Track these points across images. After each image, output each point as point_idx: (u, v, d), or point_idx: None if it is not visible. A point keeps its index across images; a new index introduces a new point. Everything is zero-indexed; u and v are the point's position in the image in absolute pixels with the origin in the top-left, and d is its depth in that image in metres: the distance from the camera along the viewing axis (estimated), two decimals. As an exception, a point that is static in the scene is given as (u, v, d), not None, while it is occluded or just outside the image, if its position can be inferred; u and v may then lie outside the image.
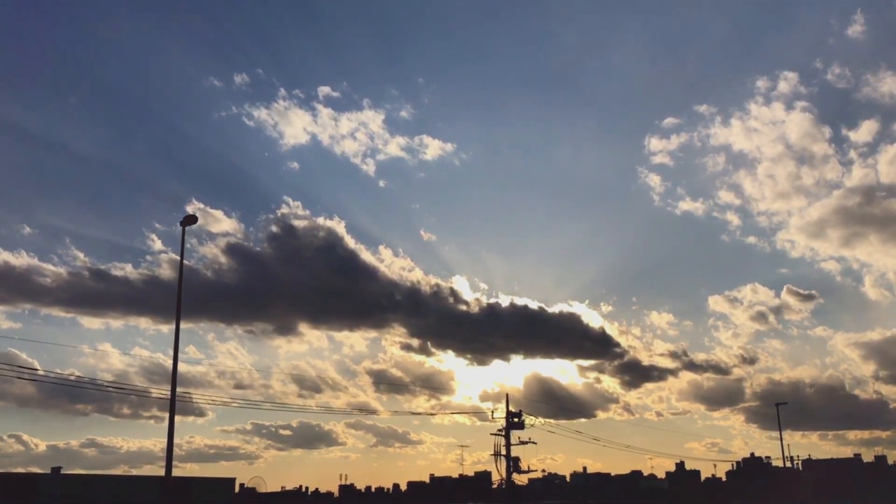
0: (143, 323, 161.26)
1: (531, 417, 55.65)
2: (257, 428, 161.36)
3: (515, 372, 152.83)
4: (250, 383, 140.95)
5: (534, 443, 55.65)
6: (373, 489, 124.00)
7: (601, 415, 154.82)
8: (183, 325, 30.83)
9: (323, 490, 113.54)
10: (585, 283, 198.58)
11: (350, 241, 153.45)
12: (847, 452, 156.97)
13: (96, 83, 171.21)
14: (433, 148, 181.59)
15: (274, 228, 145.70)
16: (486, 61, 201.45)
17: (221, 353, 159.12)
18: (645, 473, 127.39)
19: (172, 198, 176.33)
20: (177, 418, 29.72)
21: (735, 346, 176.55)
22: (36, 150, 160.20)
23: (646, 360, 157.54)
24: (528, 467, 56.42)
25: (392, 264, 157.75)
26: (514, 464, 54.94)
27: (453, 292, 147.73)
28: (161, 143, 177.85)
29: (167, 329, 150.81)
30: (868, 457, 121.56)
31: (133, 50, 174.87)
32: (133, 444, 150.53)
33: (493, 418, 55.83)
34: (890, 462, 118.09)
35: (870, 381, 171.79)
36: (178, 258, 31.32)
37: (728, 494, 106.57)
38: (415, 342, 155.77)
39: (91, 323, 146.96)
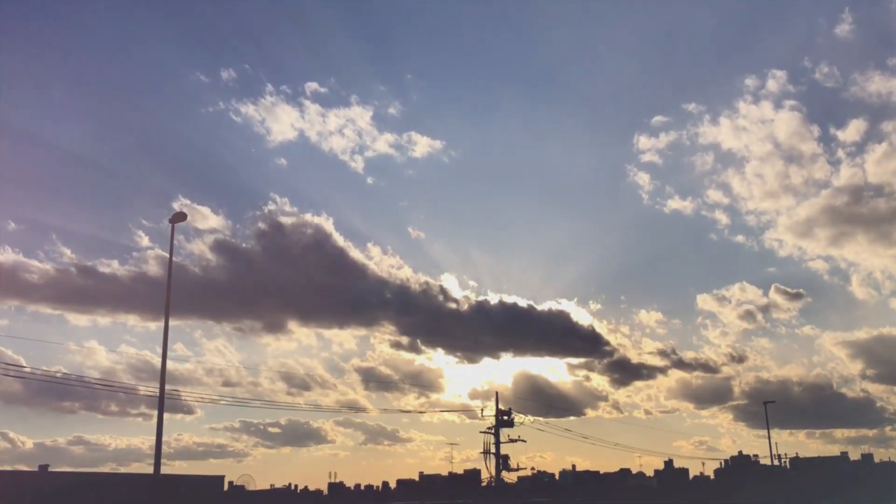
0: (131, 320, 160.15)
1: (520, 415, 55.88)
2: (246, 426, 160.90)
3: (505, 370, 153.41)
4: (238, 381, 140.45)
5: (523, 441, 55.88)
6: (362, 487, 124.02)
7: (590, 413, 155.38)
8: (171, 323, 30.72)
9: (312, 488, 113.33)
10: (574, 282, 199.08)
11: (338, 239, 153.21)
12: (834, 451, 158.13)
13: (81, 78, 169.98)
14: (422, 145, 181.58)
15: (261, 225, 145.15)
16: (474, 58, 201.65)
17: (209, 350, 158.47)
18: (633, 471, 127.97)
19: (159, 194, 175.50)
20: (165, 416, 29.63)
21: (723, 344, 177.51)
22: (21, 146, 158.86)
23: (635, 359, 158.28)
24: (518, 465, 56.66)
25: (381, 262, 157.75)
26: (503, 462, 55.08)
27: (442, 290, 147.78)
28: (147, 139, 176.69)
29: (154, 326, 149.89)
30: (855, 455, 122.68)
31: (118, 44, 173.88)
32: (121, 441, 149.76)
33: (482, 416, 56.02)
34: (876, 460, 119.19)
35: (857, 380, 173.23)
36: (165, 254, 31.24)
37: (716, 492, 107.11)
38: (404, 340, 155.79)
39: (78, 320, 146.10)
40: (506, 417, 54.93)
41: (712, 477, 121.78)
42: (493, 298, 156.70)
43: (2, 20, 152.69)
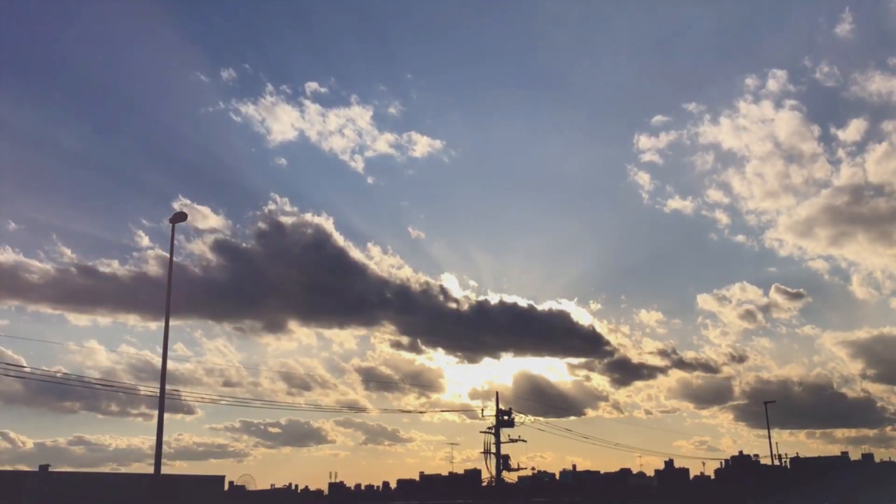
0: (131, 320, 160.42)
1: (521, 415, 55.72)
2: (246, 426, 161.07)
3: (505, 370, 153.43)
4: (239, 381, 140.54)
5: (523, 441, 55.73)
6: (362, 487, 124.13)
7: (590, 413, 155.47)
8: (171, 323, 30.69)
9: (312, 488, 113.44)
10: (574, 281, 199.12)
11: (339, 239, 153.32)
12: (834, 451, 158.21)
13: (82, 78, 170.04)
14: (422, 145, 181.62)
15: (261, 225, 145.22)
16: (474, 58, 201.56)
17: (210, 350, 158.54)
18: (634, 471, 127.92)
19: (159, 194, 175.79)
20: (165, 416, 29.60)
21: (724, 344, 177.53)
22: (21, 146, 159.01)
23: (635, 359, 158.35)
24: (518, 465, 56.51)
25: (381, 262, 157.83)
26: (503, 462, 55.00)
27: (443, 290, 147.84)
28: (147, 139, 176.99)
29: (155, 326, 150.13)
30: (855, 455, 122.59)
31: (119, 44, 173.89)
32: (121, 441, 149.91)
33: (482, 416, 55.85)
34: (877, 460, 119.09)
35: (857, 380, 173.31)
36: (165, 254, 31.20)
37: (716, 493, 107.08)
38: (404, 340, 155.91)
39: (78, 320, 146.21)
40: (506, 417, 54.83)
41: (713, 477, 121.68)
42: (494, 298, 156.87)
43: (2, 20, 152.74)
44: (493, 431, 54.83)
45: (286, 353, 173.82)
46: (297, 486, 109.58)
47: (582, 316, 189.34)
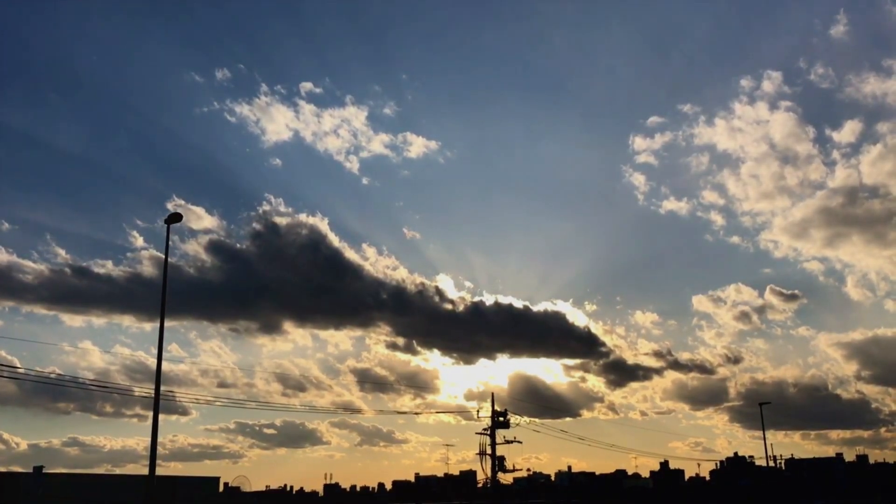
0: (126, 321, 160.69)
1: (516, 417, 55.72)
2: (241, 427, 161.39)
3: (500, 371, 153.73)
4: (234, 382, 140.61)
5: (519, 442, 55.75)
6: (358, 488, 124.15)
7: (586, 414, 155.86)
8: (166, 324, 30.64)
9: (308, 489, 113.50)
10: (570, 282, 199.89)
11: (334, 239, 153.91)
12: (829, 452, 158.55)
13: (77, 79, 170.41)
14: (417, 146, 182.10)
15: (256, 226, 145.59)
16: (470, 59, 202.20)
17: (204, 351, 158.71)
18: (629, 473, 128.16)
19: (153, 194, 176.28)
20: (160, 417, 29.56)
21: (719, 345, 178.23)
22: (16, 146, 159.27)
23: (630, 360, 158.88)
24: (514, 466, 56.51)
25: (376, 262, 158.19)
26: (499, 463, 54.97)
27: (438, 291, 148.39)
28: (142, 139, 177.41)
29: (149, 327, 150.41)
30: (850, 456, 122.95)
31: (113, 45, 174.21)
32: (116, 442, 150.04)
33: (478, 417, 55.83)
34: (871, 461, 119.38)
35: (852, 381, 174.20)
36: (160, 255, 31.15)
37: (711, 494, 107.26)
38: (400, 341, 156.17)
39: (72, 321, 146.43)
40: (501, 419, 54.79)
41: (708, 478, 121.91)
42: (489, 299, 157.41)
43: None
44: (488, 433, 54.82)
45: (281, 354, 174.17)
46: (292, 487, 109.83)
47: (577, 317, 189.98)
